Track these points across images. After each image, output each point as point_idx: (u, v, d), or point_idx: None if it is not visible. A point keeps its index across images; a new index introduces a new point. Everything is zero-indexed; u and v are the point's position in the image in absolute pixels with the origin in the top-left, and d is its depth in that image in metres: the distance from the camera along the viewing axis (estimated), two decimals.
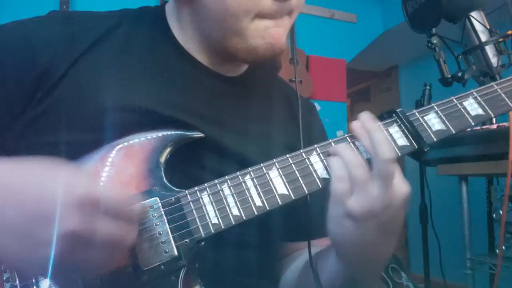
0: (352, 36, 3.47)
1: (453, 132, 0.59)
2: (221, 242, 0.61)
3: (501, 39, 1.51)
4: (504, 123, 1.39)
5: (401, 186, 0.53)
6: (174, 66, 0.68)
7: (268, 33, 0.62)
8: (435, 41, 1.63)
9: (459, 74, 1.56)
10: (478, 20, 1.53)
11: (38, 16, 0.66)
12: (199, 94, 0.67)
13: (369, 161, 0.54)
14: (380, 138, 0.53)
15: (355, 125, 0.57)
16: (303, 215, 0.65)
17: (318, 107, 0.89)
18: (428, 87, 1.89)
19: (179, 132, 0.59)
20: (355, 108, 5.01)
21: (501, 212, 1.48)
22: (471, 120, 0.60)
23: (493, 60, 1.51)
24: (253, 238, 0.66)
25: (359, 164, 0.52)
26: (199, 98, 0.67)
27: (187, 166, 0.62)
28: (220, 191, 0.55)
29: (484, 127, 1.48)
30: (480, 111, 0.61)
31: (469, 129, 1.50)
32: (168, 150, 0.58)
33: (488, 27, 1.54)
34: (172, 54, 0.68)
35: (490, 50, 1.52)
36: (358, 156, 0.54)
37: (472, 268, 1.62)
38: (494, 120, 1.58)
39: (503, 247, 1.47)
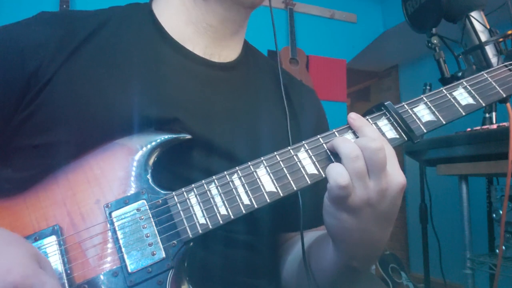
0: (352, 36, 3.46)
1: (444, 122, 0.58)
2: (211, 238, 0.60)
3: (501, 39, 1.51)
4: (504, 123, 1.39)
5: (396, 175, 0.52)
6: (163, 58, 0.67)
7: None
8: (435, 41, 1.62)
9: (459, 74, 1.56)
10: (478, 20, 1.53)
11: (26, 18, 0.65)
12: (190, 85, 0.67)
13: None
14: (368, 129, 0.54)
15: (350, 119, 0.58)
16: (295, 207, 0.64)
17: None
18: (428, 87, 1.89)
19: (167, 136, 0.59)
20: (355, 108, 5.01)
21: (501, 212, 1.48)
22: (461, 110, 0.59)
23: (493, 60, 1.51)
24: (244, 232, 0.66)
25: (356, 156, 0.51)
26: (189, 90, 0.66)
27: (175, 165, 0.62)
28: (208, 191, 0.54)
29: (484, 127, 1.48)
30: (470, 101, 0.60)
31: (469, 129, 1.50)
32: (155, 153, 0.58)
33: (488, 27, 1.54)
34: (161, 46, 0.68)
35: (490, 50, 1.52)
36: (355, 148, 0.52)
37: (472, 268, 1.61)
38: (494, 120, 1.58)
39: (503, 247, 1.46)
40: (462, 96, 0.60)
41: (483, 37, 1.52)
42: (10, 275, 0.40)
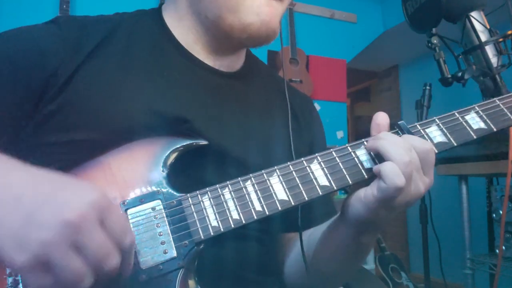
0: (352, 36, 3.46)
1: (455, 144, 0.60)
2: (220, 237, 0.62)
3: (501, 39, 1.51)
4: None
5: (428, 182, 0.57)
6: (175, 65, 0.70)
7: (262, 10, 0.66)
8: (435, 41, 1.63)
9: (459, 74, 1.56)
10: (478, 20, 1.53)
11: (43, 22, 0.68)
12: (200, 91, 0.69)
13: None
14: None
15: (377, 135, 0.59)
16: (304, 207, 0.66)
17: (318, 107, 0.90)
18: (428, 87, 1.89)
19: (184, 141, 0.61)
20: (355, 108, 5.01)
21: (501, 212, 1.48)
22: (472, 134, 0.61)
23: (493, 60, 1.51)
24: (255, 229, 0.67)
25: (409, 161, 0.54)
26: (200, 96, 0.69)
27: (190, 168, 0.63)
28: (221, 195, 0.56)
29: None
30: (482, 125, 0.62)
31: None
32: (172, 156, 0.60)
33: (488, 27, 1.54)
34: (172, 53, 0.71)
35: (490, 50, 1.52)
36: (406, 153, 0.54)
37: (472, 268, 1.62)
38: None
39: (503, 247, 1.47)
40: (474, 120, 0.62)
41: (483, 37, 1.52)
42: (94, 192, 0.44)
